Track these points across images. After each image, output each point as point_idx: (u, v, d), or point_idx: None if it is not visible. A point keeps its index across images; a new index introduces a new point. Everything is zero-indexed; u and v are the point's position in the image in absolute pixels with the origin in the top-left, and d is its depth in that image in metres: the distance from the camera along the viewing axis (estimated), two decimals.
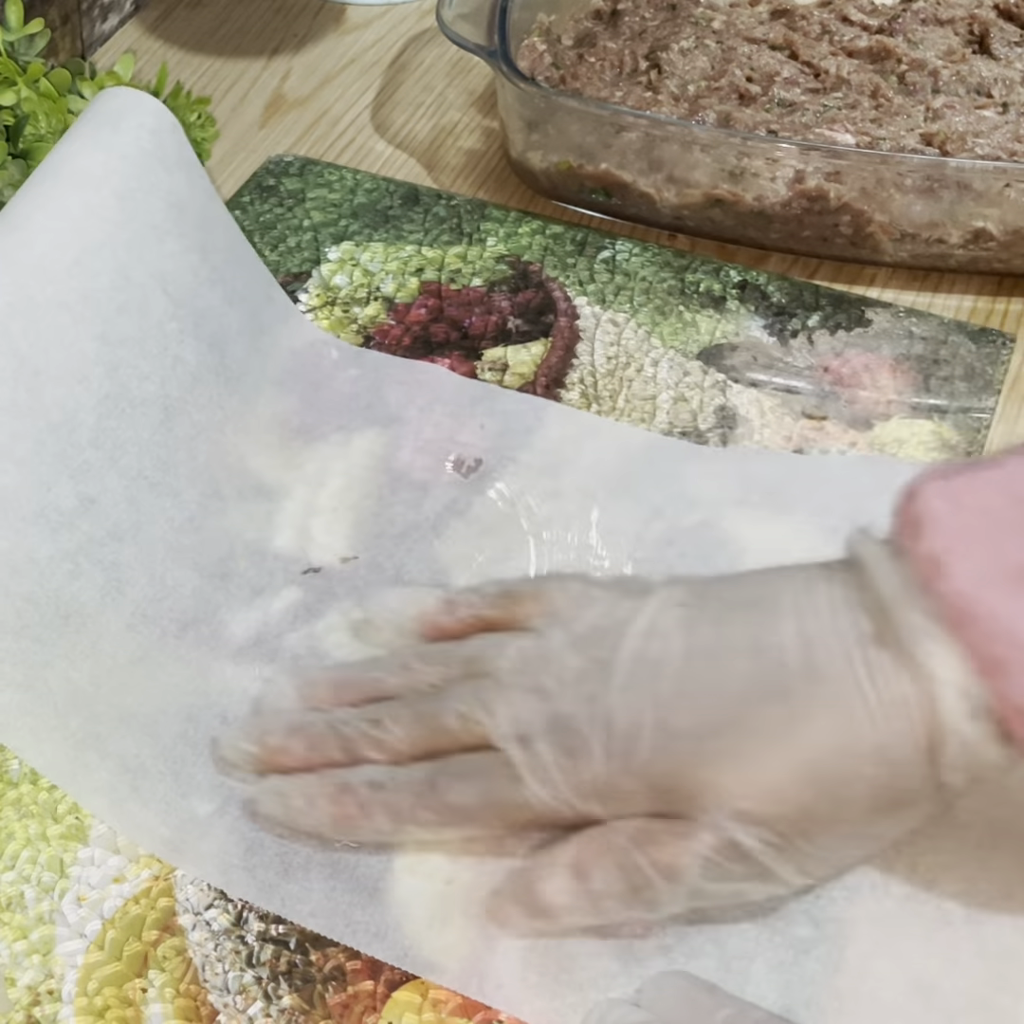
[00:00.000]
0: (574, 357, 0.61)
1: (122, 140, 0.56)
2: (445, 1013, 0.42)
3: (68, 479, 0.50)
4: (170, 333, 0.55)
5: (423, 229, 0.66)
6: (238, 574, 0.52)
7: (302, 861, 0.45)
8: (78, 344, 0.52)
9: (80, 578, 0.50)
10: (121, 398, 0.53)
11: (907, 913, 0.43)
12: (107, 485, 0.51)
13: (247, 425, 0.56)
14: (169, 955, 0.44)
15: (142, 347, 0.54)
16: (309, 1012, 0.42)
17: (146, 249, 0.55)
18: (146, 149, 0.56)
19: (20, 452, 0.49)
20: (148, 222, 0.55)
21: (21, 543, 0.49)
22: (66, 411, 0.51)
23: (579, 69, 0.69)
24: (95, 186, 0.54)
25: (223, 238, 0.59)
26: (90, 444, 0.51)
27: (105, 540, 0.51)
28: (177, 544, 0.52)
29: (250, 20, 0.80)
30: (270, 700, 0.48)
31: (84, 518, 0.50)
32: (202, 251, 0.57)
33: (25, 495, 0.49)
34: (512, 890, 0.43)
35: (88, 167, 0.55)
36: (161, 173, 0.56)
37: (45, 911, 0.44)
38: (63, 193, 0.54)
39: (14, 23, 0.63)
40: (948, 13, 0.71)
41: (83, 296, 0.52)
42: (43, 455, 0.50)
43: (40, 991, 0.43)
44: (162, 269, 0.55)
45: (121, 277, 0.54)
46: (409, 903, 0.44)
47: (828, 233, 0.64)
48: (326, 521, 0.54)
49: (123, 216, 0.54)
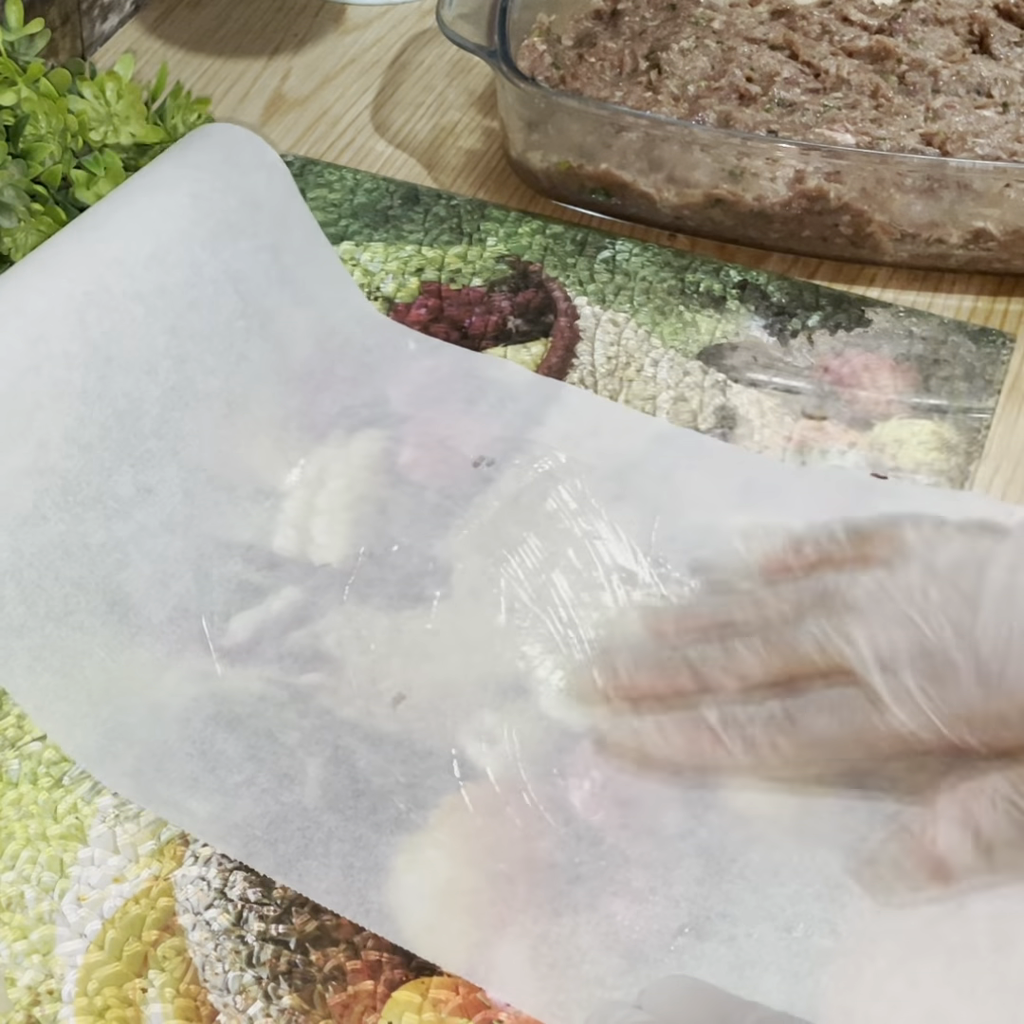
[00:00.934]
0: (574, 357, 0.61)
1: (192, 150, 0.58)
2: (445, 1013, 0.42)
3: (129, 467, 0.52)
4: (237, 331, 0.56)
5: (423, 229, 0.66)
6: (283, 567, 0.53)
7: (323, 836, 0.45)
8: (149, 336, 0.53)
9: (128, 568, 0.51)
10: (186, 391, 0.54)
11: (931, 936, 0.42)
12: (166, 475, 0.53)
13: (312, 422, 0.57)
14: (169, 955, 0.44)
15: (210, 343, 0.55)
16: (309, 1012, 0.42)
17: (220, 247, 0.56)
18: (219, 155, 0.58)
19: (86, 437, 0.51)
20: (223, 220, 0.56)
21: (76, 528, 0.50)
22: (132, 400, 0.52)
23: (579, 69, 0.69)
24: (168, 190, 0.56)
25: (299, 237, 0.60)
26: (153, 434, 0.53)
27: (158, 531, 0.52)
28: (227, 540, 0.53)
29: (250, 20, 0.80)
30: (619, 633, 0.49)
31: (139, 508, 0.52)
32: (275, 250, 0.58)
33: (86, 480, 0.51)
34: (897, 856, 0.43)
35: (162, 176, 0.57)
36: (236, 176, 0.58)
37: (45, 911, 0.45)
38: (139, 198, 0.56)
39: (14, 23, 0.63)
40: (948, 13, 0.71)
41: (157, 289, 0.54)
42: (107, 442, 0.51)
43: (40, 991, 0.43)
44: (235, 267, 0.56)
45: (194, 273, 0.55)
46: (409, 902, 0.44)
47: (828, 233, 0.64)
48: (326, 521, 0.54)
49: (198, 214, 0.56)
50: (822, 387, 0.59)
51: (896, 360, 0.60)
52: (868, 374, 0.60)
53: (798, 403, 0.59)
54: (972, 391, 0.59)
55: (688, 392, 0.59)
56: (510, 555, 0.53)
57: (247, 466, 0.55)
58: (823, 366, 0.60)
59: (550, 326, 0.62)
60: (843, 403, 0.59)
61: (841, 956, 0.42)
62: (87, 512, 0.51)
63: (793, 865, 0.44)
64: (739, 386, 0.59)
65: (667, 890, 0.44)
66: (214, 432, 0.54)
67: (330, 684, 0.50)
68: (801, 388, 0.59)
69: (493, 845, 0.45)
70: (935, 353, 0.61)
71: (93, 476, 0.51)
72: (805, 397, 0.59)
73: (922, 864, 0.42)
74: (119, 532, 0.51)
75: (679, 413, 0.58)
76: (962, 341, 0.61)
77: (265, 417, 0.56)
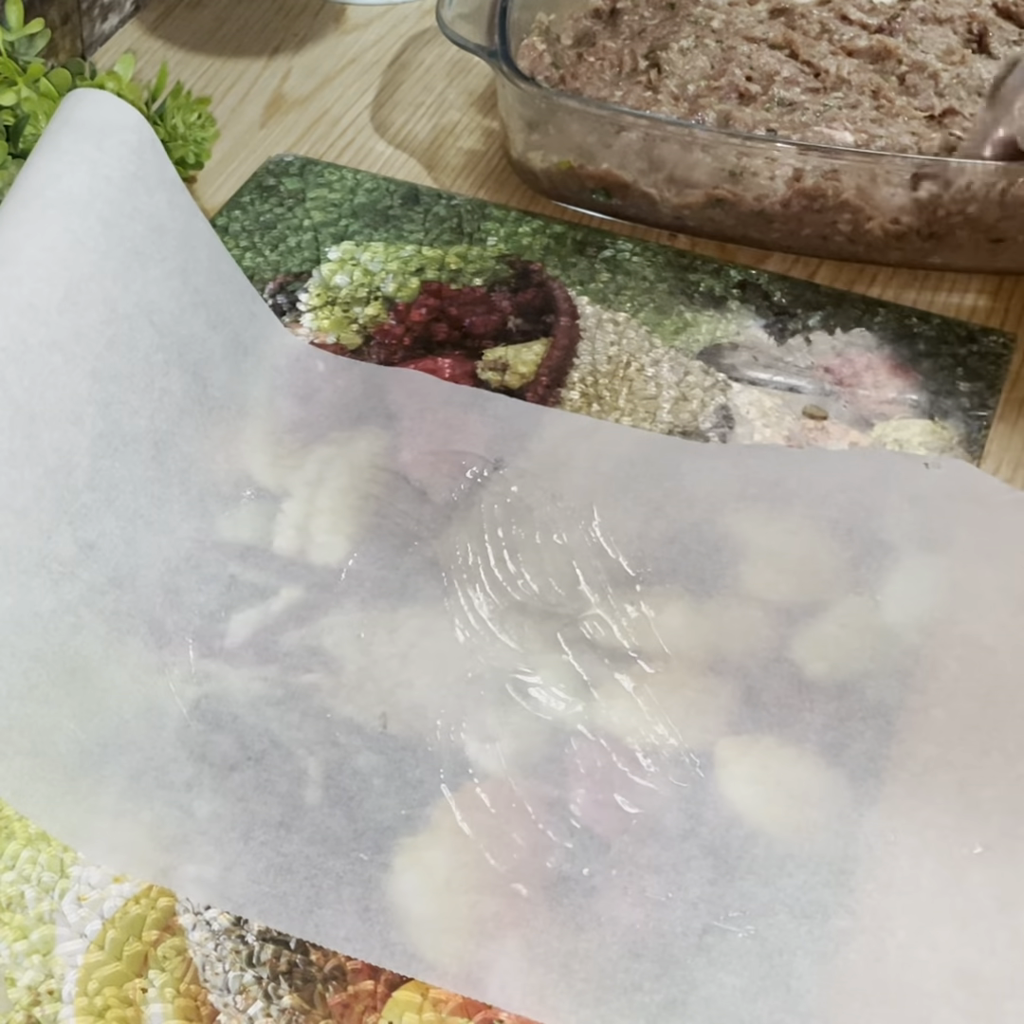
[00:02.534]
0: (575, 357, 0.61)
1: (106, 159, 0.54)
2: (445, 1013, 0.42)
3: (67, 525, 0.50)
4: (156, 364, 0.54)
5: (423, 229, 0.66)
6: (236, 586, 0.52)
7: (332, 883, 0.45)
8: (71, 384, 0.51)
9: (82, 631, 0.49)
10: (114, 436, 0.52)
11: (941, 907, 0.44)
12: (105, 528, 0.51)
13: (239, 451, 0.56)
14: (169, 955, 0.44)
15: (131, 381, 0.53)
16: (309, 1012, 0.42)
17: (131, 278, 0.54)
18: (128, 170, 0.55)
19: (20, 502, 0.48)
20: (132, 249, 0.54)
21: (25, 597, 0.48)
22: (62, 454, 0.50)
23: (579, 69, 0.69)
24: (80, 212, 0.53)
25: (205, 256, 0.58)
26: (86, 487, 0.51)
27: (106, 588, 0.50)
28: (175, 587, 0.52)
29: (250, 20, 0.80)
30: None
31: (84, 566, 0.50)
32: (183, 274, 0.56)
33: (26, 546, 0.48)
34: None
35: (73, 190, 0.53)
36: (143, 195, 0.55)
37: (45, 911, 0.44)
38: (50, 221, 0.52)
39: (14, 23, 0.63)
40: (947, 12, 0.71)
41: (74, 334, 0.51)
42: (42, 503, 0.49)
43: (40, 991, 0.43)
44: (147, 298, 0.54)
45: (109, 310, 0.53)
46: (408, 903, 0.44)
47: (827, 231, 0.64)
48: (326, 521, 0.54)
49: (108, 245, 0.53)
50: (823, 387, 0.59)
51: (896, 360, 0.60)
52: (869, 374, 0.60)
53: (799, 403, 0.59)
54: (972, 391, 0.59)
55: (689, 392, 0.59)
56: (487, 552, 0.53)
57: (182, 505, 0.54)
58: (824, 366, 0.60)
59: (551, 326, 0.62)
60: (844, 403, 0.59)
61: (860, 934, 0.43)
62: (32, 580, 0.48)
63: (796, 856, 0.45)
64: (740, 386, 0.59)
65: (683, 894, 0.44)
66: (143, 475, 0.53)
67: (329, 684, 0.50)
68: (802, 388, 0.59)
69: (501, 863, 0.45)
70: (935, 353, 0.61)
71: (33, 540, 0.48)
72: (806, 397, 0.59)
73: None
74: (67, 595, 0.49)
75: (679, 413, 0.58)
76: (962, 341, 0.61)
77: (193, 452, 0.55)
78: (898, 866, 0.45)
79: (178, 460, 0.54)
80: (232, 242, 0.65)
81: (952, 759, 0.47)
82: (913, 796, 0.46)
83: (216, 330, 0.57)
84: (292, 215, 0.67)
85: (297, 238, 0.66)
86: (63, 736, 0.47)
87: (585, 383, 0.60)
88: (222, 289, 0.58)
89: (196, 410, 0.55)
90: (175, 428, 0.54)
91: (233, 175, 0.70)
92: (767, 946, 0.43)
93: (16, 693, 0.47)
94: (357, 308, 0.63)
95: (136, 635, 0.50)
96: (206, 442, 0.55)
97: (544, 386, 0.59)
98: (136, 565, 0.51)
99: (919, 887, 0.44)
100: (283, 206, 0.67)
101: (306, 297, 0.63)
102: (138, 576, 0.51)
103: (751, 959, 0.43)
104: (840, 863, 0.45)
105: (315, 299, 0.63)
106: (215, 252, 0.59)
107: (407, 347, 0.61)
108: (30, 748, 0.47)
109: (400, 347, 0.61)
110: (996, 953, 0.43)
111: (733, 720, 0.48)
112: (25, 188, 0.53)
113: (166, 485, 0.53)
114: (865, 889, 0.44)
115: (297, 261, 0.65)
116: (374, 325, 0.62)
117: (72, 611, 0.49)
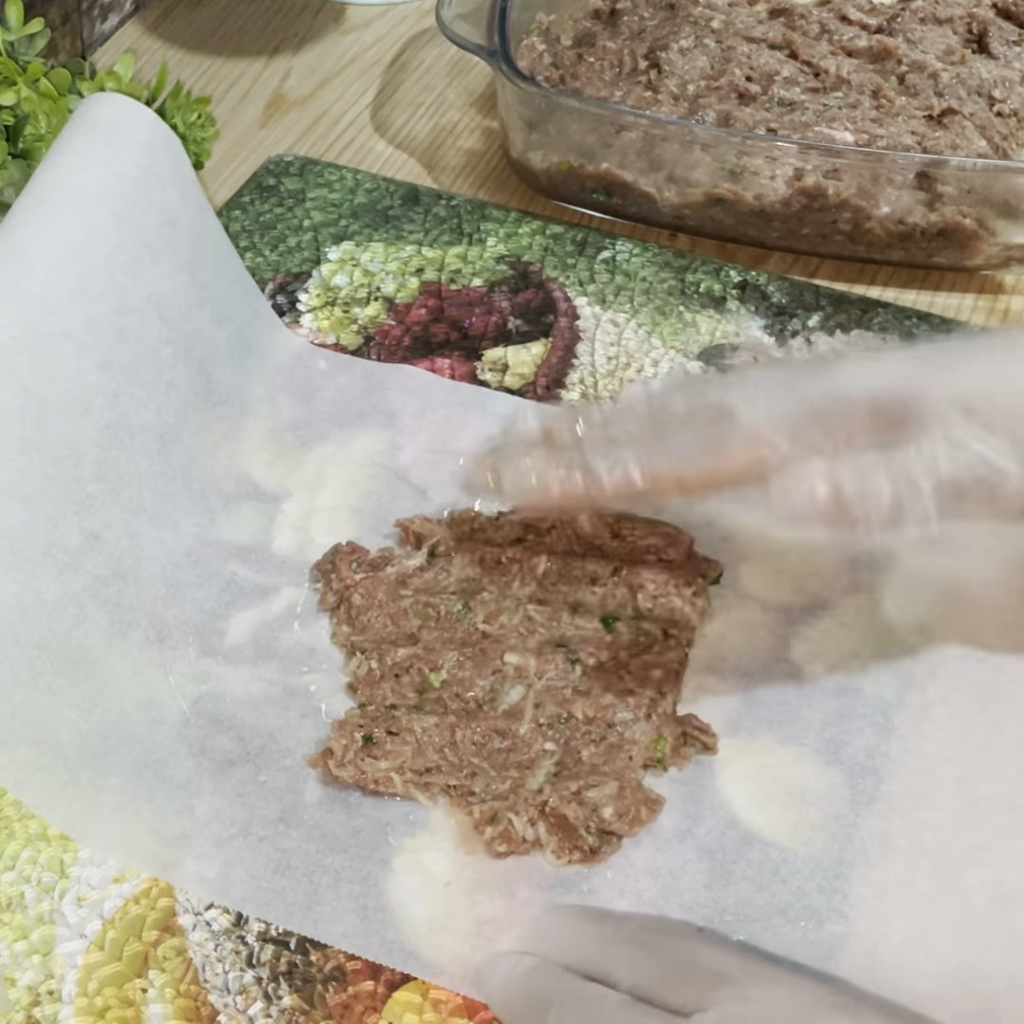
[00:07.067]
0: (574, 357, 0.61)
1: (118, 156, 0.55)
2: (445, 1013, 0.42)
3: (73, 515, 0.50)
4: (164, 358, 0.54)
5: (423, 229, 0.66)
6: (237, 584, 0.52)
7: (331, 880, 0.45)
8: (81, 374, 0.51)
9: (86, 622, 0.49)
10: (121, 427, 0.52)
11: (935, 912, 0.44)
12: (110, 519, 0.51)
13: (240, 448, 0.56)
14: (169, 955, 0.44)
15: (139, 374, 0.53)
16: (309, 1012, 0.42)
17: (142, 271, 0.54)
18: (142, 165, 0.55)
19: (28, 489, 0.48)
20: (143, 242, 0.54)
21: (31, 585, 0.48)
22: (70, 444, 0.50)
23: (579, 69, 0.69)
24: (92, 207, 0.53)
25: (213, 252, 0.58)
26: (93, 477, 0.51)
27: (109, 579, 0.50)
28: (176, 581, 0.52)
29: (250, 20, 0.80)
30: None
31: (89, 556, 0.50)
32: (192, 268, 0.56)
33: (33, 534, 0.48)
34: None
35: (85, 186, 0.54)
36: (156, 189, 0.55)
37: (45, 911, 0.45)
38: (61, 215, 0.53)
39: (14, 23, 0.63)
40: (947, 12, 0.71)
41: (85, 324, 0.51)
42: (49, 491, 0.49)
43: (40, 991, 0.43)
44: (156, 291, 0.54)
45: (119, 301, 0.53)
46: (407, 902, 0.44)
47: (827, 230, 0.64)
48: (327, 521, 0.54)
49: (120, 237, 0.53)
50: None
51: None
52: None
53: None
54: None
55: None
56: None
57: (185, 500, 0.54)
58: None
59: (550, 326, 0.62)
60: None
61: (854, 939, 0.43)
62: (38, 568, 0.48)
63: (790, 862, 0.45)
64: None
65: (678, 898, 0.44)
66: (149, 468, 0.53)
67: (328, 684, 0.50)
68: None
69: (499, 864, 0.45)
70: None
71: (39, 529, 0.48)
72: None
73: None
74: (72, 585, 0.49)
75: None
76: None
77: (196, 447, 0.55)
78: (893, 870, 0.45)
79: (182, 455, 0.54)
80: (232, 242, 0.65)
81: (951, 756, 0.47)
82: (911, 794, 0.46)
83: (221, 326, 0.57)
84: (292, 215, 0.67)
85: (297, 238, 0.66)
86: (65, 726, 0.47)
87: (584, 384, 0.60)
88: (228, 285, 0.59)
89: (201, 405, 0.56)
90: (180, 422, 0.55)
91: (233, 175, 0.70)
92: (762, 948, 0.43)
93: (20, 681, 0.47)
94: (357, 308, 0.63)
95: (138, 628, 0.50)
96: (209, 438, 0.56)
97: (543, 387, 0.59)
98: (139, 558, 0.52)
99: (915, 891, 0.44)
100: (283, 206, 0.67)
101: (306, 297, 0.63)
102: (141, 569, 0.51)
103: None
104: (835, 867, 0.45)
105: (315, 299, 0.63)
106: (222, 248, 0.59)
107: (407, 347, 0.61)
108: (33, 737, 0.47)
109: (400, 347, 0.61)
110: (992, 950, 0.43)
111: (732, 718, 0.48)
112: (37, 187, 0.54)
113: (170, 479, 0.54)
114: (860, 894, 0.44)
115: (297, 261, 0.65)
116: (374, 325, 0.62)
117: (76, 601, 0.49)
